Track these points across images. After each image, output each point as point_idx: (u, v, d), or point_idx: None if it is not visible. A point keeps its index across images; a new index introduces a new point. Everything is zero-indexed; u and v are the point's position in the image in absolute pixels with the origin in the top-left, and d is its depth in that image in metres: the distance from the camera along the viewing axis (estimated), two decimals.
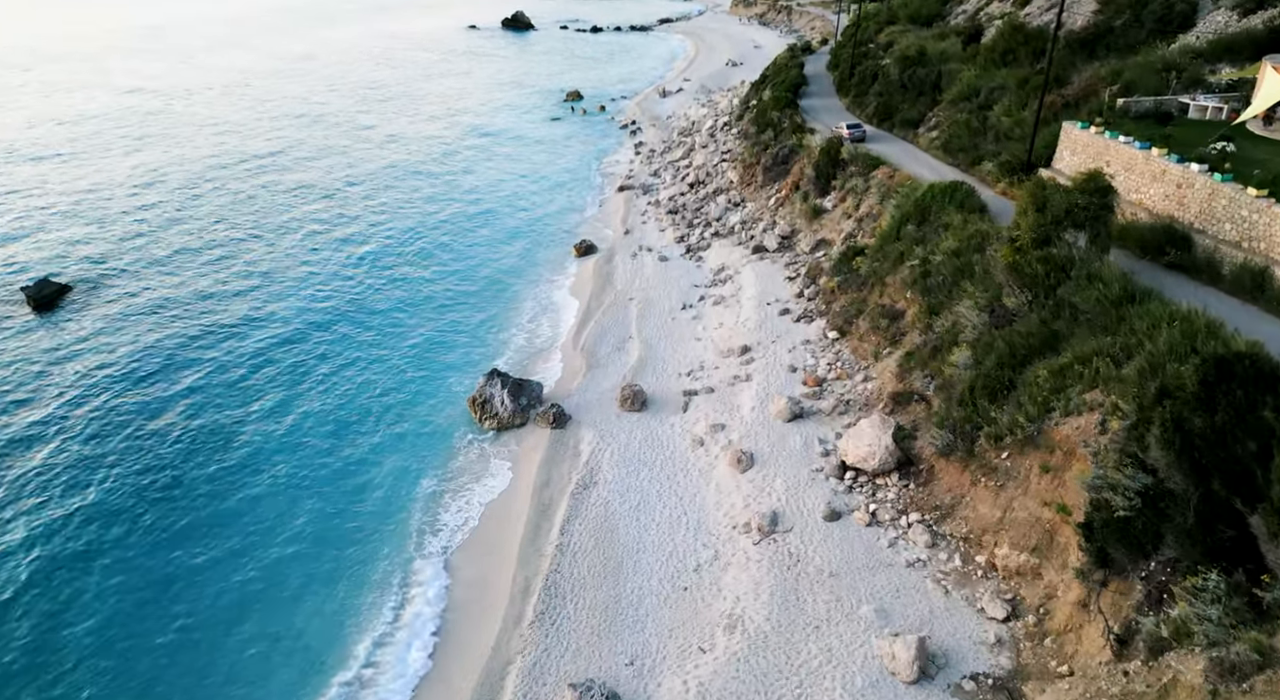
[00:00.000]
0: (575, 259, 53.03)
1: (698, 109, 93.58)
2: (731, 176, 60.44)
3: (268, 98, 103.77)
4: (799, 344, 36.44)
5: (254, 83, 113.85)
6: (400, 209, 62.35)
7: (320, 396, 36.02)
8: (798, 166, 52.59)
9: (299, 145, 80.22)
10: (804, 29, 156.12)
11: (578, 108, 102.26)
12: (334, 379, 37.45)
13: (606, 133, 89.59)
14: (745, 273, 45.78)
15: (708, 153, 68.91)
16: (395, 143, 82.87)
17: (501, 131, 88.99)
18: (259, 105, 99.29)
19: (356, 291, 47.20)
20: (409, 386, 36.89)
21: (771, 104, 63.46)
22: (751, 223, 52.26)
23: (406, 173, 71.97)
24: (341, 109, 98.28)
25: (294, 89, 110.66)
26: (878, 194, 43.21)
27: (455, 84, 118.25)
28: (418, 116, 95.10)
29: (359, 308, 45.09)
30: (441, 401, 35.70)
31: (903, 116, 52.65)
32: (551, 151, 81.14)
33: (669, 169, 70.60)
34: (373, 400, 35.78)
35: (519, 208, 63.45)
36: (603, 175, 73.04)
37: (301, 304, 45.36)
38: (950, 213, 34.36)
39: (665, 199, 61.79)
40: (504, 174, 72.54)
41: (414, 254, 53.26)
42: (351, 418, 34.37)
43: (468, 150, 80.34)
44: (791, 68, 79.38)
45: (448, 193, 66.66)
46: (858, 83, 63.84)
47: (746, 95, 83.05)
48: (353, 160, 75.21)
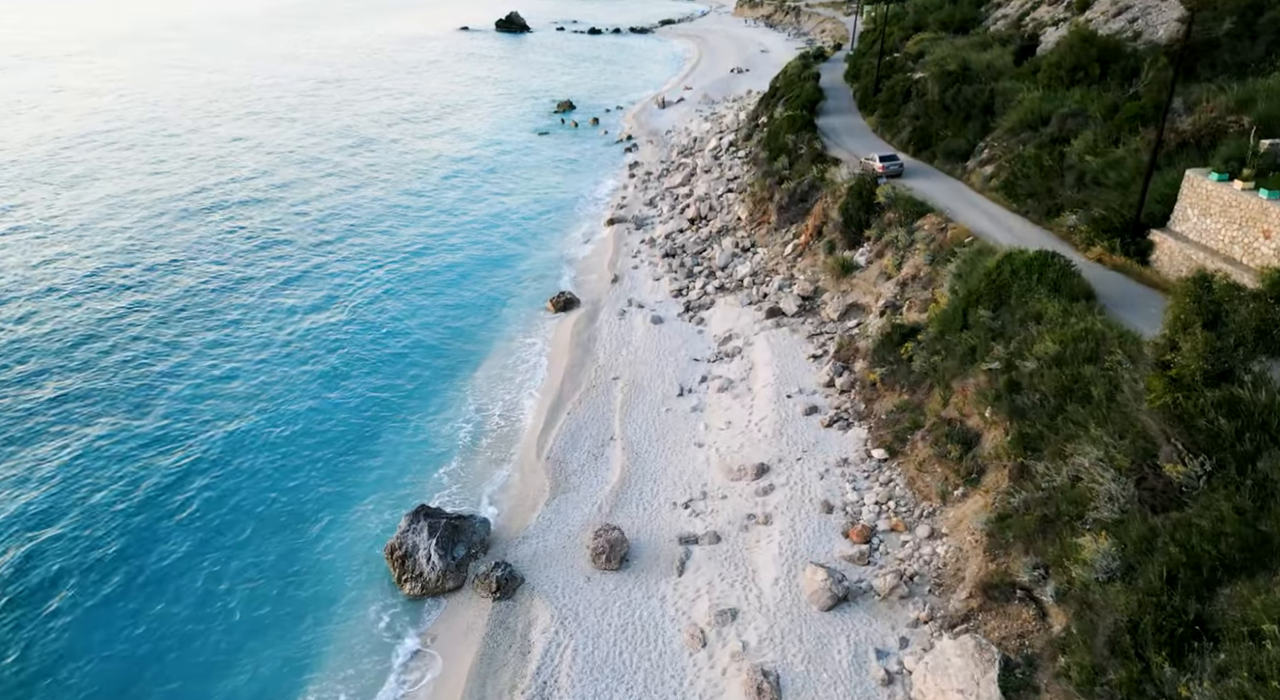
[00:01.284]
0: (551, 316, 43.99)
1: (700, 123, 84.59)
2: (739, 213, 51.41)
3: (216, 108, 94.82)
4: (834, 464, 27.39)
5: (208, 90, 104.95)
6: (349, 245, 53.23)
7: (189, 558, 26.12)
8: (820, 206, 43.55)
9: (241, 174, 71.22)
10: (813, 32, 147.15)
11: (568, 120, 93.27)
12: (211, 530, 27.70)
13: (598, 150, 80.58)
14: (758, 344, 36.75)
15: (711, 179, 59.88)
16: (357, 159, 73.85)
17: (482, 147, 80.00)
18: (202, 120, 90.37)
19: (271, 381, 37.45)
20: (309, 522, 27.65)
21: (786, 125, 54.46)
22: (764, 275, 43.18)
23: (364, 198, 62.82)
24: (303, 124, 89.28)
25: (248, 101, 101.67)
26: (926, 251, 34.19)
27: (438, 91, 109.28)
28: (389, 127, 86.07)
29: (278, 397, 35.54)
30: (351, 547, 26.57)
31: (947, 146, 43.58)
32: (535, 172, 72.12)
33: (666, 197, 61.58)
34: (259, 546, 26.58)
35: (491, 245, 54.40)
36: (591, 202, 64.04)
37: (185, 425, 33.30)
38: (1041, 296, 25.32)
39: (661, 237, 52.76)
40: (478, 200, 63.53)
41: (354, 310, 44.10)
42: (222, 588, 24.96)
43: (440, 170, 71.29)
44: (806, 81, 70.32)
45: (408, 225, 57.64)
46: (886, 101, 54.81)
47: (755, 110, 74.04)
48: (304, 185, 66.17)
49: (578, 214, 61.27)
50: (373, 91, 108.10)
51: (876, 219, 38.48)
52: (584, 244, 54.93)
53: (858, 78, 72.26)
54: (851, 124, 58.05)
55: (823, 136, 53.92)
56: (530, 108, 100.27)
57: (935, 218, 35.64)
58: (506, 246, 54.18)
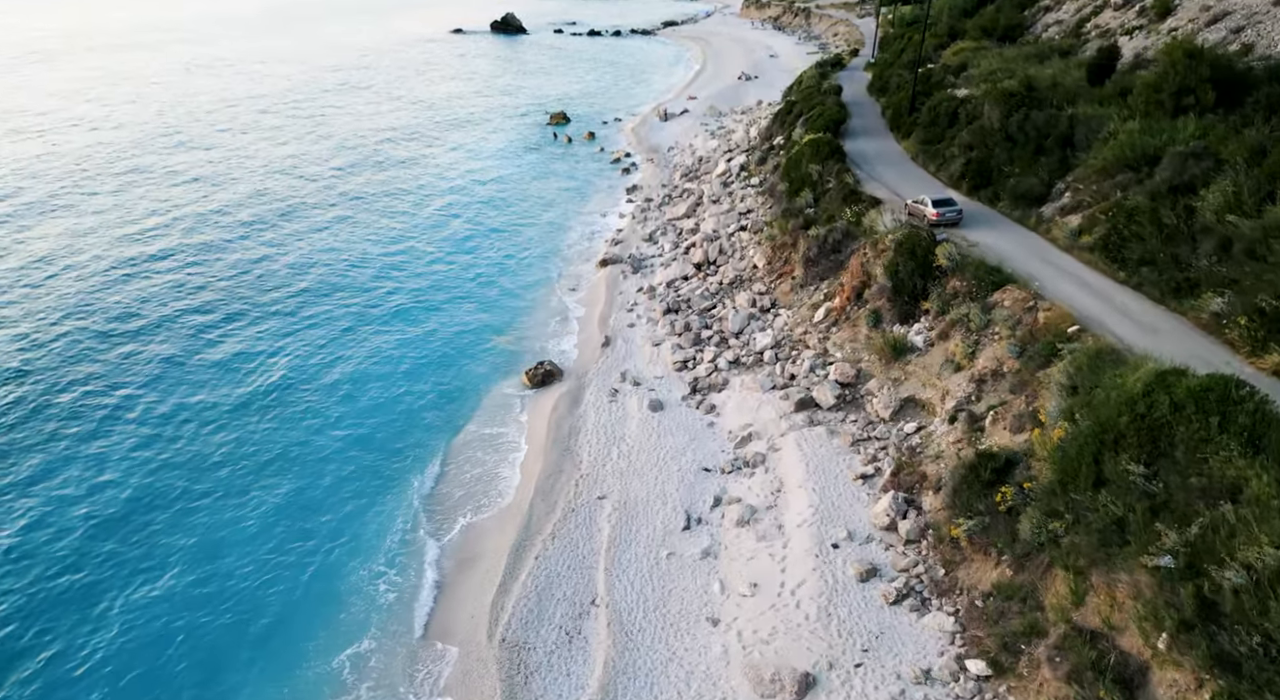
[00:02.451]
0: (526, 393, 35.74)
1: (706, 139, 76.28)
2: (755, 259, 43.06)
3: (168, 119, 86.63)
4: (911, 679, 19.05)
5: (161, 94, 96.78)
6: (271, 317, 42.87)
7: None
8: (857, 261, 35.20)
9: (163, 212, 63.01)
10: (825, 34, 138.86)
11: (561, 134, 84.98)
12: None
13: (592, 171, 72.28)
14: (787, 450, 28.43)
15: (720, 213, 51.55)
16: (311, 189, 65.63)
17: (462, 170, 71.72)
18: (149, 140, 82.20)
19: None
20: None
21: (808, 153, 46.12)
22: (790, 347, 34.84)
23: (314, 249, 52.44)
24: (263, 139, 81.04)
25: (211, 110, 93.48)
26: (1010, 338, 25.88)
27: (421, 103, 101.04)
28: (358, 149, 77.82)
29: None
30: None
31: (1016, 186, 35.21)
32: (520, 199, 63.80)
33: (668, 232, 53.27)
34: None
35: (459, 292, 46.03)
36: (582, 236, 55.76)
37: None
38: (1231, 453, 16.96)
39: (663, 285, 44.48)
40: (451, 236, 55.11)
41: (275, 394, 35.75)
42: None
43: (409, 200, 62.90)
44: (827, 95, 62.01)
45: (361, 266, 49.24)
46: (927, 123, 46.49)
47: (768, 127, 65.74)
48: (246, 226, 57.89)
49: (565, 252, 52.94)
50: (348, 105, 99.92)
51: (936, 286, 30.13)
52: (571, 292, 46.61)
53: (885, 91, 63.98)
54: (885, 149, 49.72)
55: (853, 166, 45.60)
56: (520, 121, 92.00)
57: (1019, 292, 27.28)
58: (478, 295, 45.83)
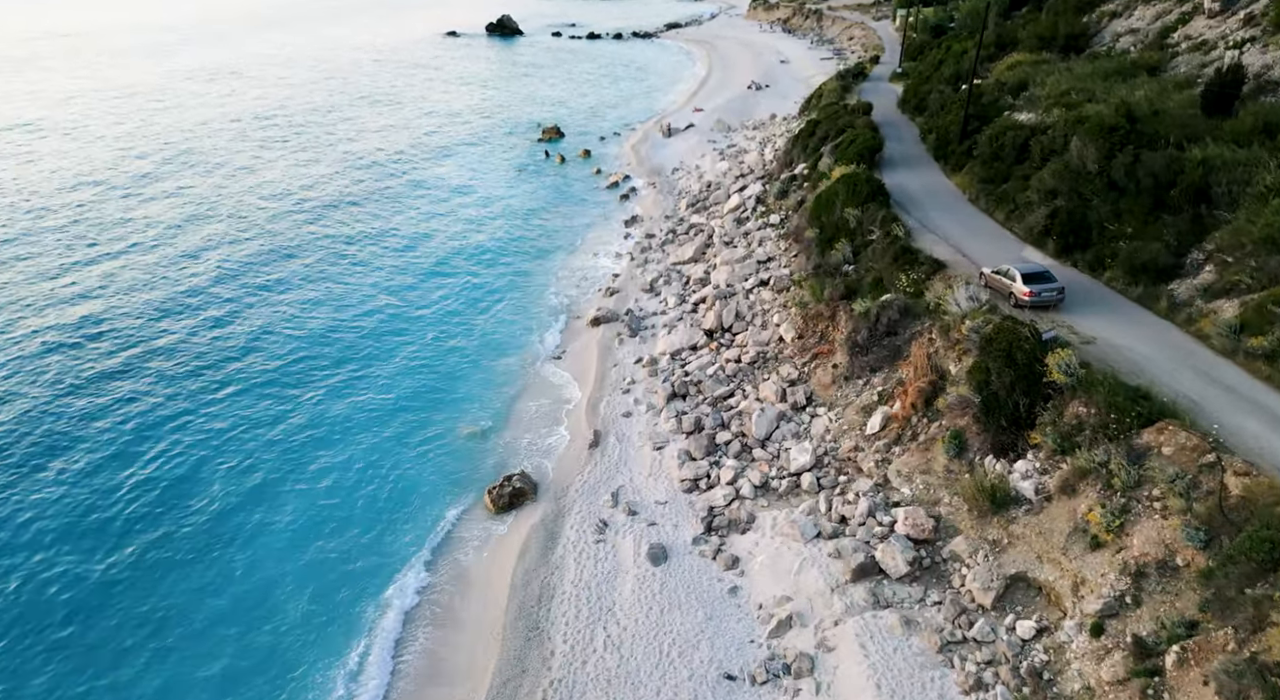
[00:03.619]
0: (491, 522, 27.40)
1: (714, 160, 67.88)
2: (783, 329, 34.58)
3: (126, 135, 78.41)
4: None
5: (128, 111, 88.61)
6: (179, 410, 35.57)
7: None
8: (921, 350, 26.78)
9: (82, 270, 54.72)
10: (839, 38, 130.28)
11: (554, 151, 76.54)
12: None
13: (587, 197, 63.89)
14: (845, 652, 20.00)
15: (734, 259, 43.14)
16: (260, 218, 57.33)
17: (441, 195, 63.37)
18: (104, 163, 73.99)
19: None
20: None
21: (843, 193, 37.71)
22: (837, 469, 26.37)
23: (241, 309, 42.83)
24: (224, 153, 72.74)
25: (171, 124, 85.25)
26: (1181, 507, 17.51)
27: (406, 114, 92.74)
28: (327, 166, 69.45)
29: None
30: None
31: (1133, 254, 26.68)
32: (501, 235, 55.38)
33: (673, 279, 44.88)
34: None
35: (414, 365, 37.53)
36: (571, 282, 47.39)
37: None
38: None
39: (666, 356, 36.14)
40: (409, 287, 46.24)
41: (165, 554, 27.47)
42: None
43: (368, 243, 54.22)
44: (855, 115, 53.63)
45: (294, 342, 40.51)
46: (988, 156, 38.09)
47: (787, 150, 57.37)
48: (176, 277, 49.64)
49: (551, 304, 44.54)
50: (328, 119, 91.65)
51: (1049, 410, 21.69)
52: (554, 361, 38.23)
53: (922, 110, 55.65)
54: (933, 186, 41.32)
55: (899, 209, 37.21)
56: (509, 136, 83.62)
57: (1185, 435, 18.87)
58: (437, 365, 37.43)
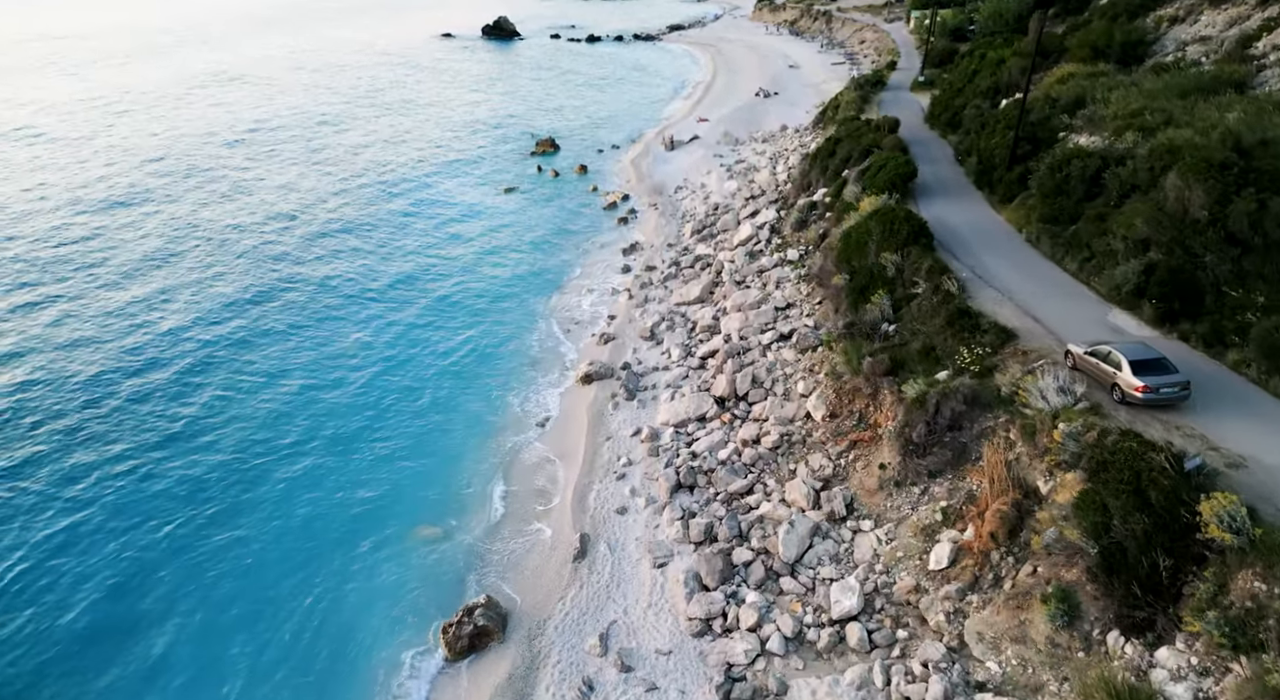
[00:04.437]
0: (445, 675, 21.59)
1: (721, 177, 62.00)
2: (810, 403, 28.56)
3: (96, 161, 72.78)
4: None
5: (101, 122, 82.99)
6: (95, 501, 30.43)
7: None
8: (996, 457, 20.84)
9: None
10: (850, 42, 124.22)
11: (548, 167, 70.70)
12: None
13: (583, 220, 58.02)
14: None
15: (748, 304, 37.24)
16: (202, 252, 51.61)
17: (418, 224, 57.54)
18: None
19: None
20: None
21: (878, 232, 31.79)
22: (893, 619, 20.29)
23: (188, 378, 36.96)
24: (188, 174, 67.05)
25: (136, 135, 79.65)
26: None
27: (392, 123, 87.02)
28: (296, 187, 63.72)
29: None
30: None
31: (1271, 332, 20.79)
32: (484, 268, 49.49)
33: (677, 324, 39.00)
34: None
35: (370, 438, 31.63)
36: (561, 325, 41.54)
37: None
38: None
39: (670, 429, 30.25)
40: (373, 337, 40.21)
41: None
42: None
43: (338, 282, 48.59)
44: (881, 132, 47.77)
45: (226, 416, 34.78)
46: (1050, 189, 32.11)
47: (804, 170, 51.49)
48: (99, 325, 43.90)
49: (535, 352, 38.67)
50: (308, 129, 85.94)
51: (1208, 579, 15.74)
52: (534, 431, 32.34)
53: (954, 126, 49.77)
54: (980, 221, 35.40)
55: (945, 253, 31.31)
56: (500, 148, 77.81)
57: None
58: (397, 435, 31.46)
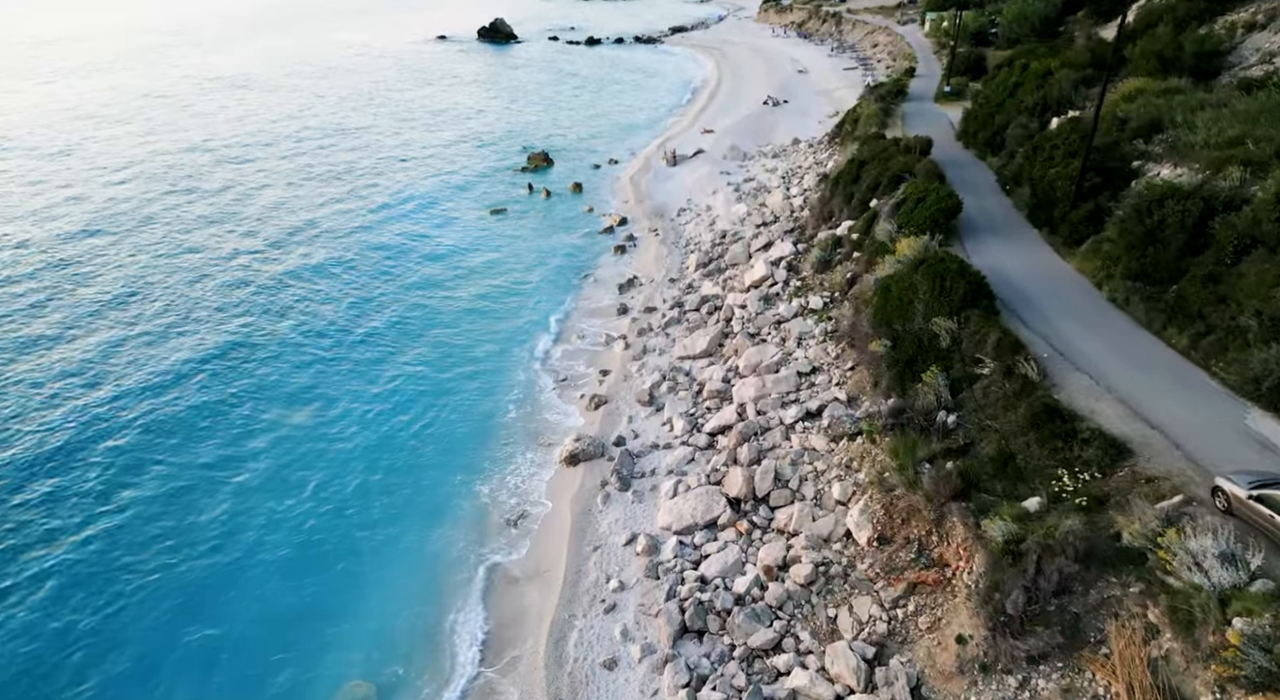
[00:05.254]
0: None
1: (729, 199, 56.08)
2: (850, 518, 22.57)
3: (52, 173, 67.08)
4: None
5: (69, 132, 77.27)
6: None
7: None
8: (1128, 646, 14.93)
9: None
10: (862, 45, 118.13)
11: (540, 185, 64.76)
12: None
13: (574, 249, 52.06)
14: None
15: (764, 364, 31.24)
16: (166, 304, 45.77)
17: (392, 257, 51.62)
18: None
19: None
20: None
21: (927, 291, 25.83)
22: None
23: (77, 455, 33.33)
24: (135, 193, 61.32)
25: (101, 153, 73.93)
26: None
27: (378, 133, 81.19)
28: (262, 212, 57.88)
29: None
30: None
31: None
32: (464, 305, 43.55)
33: (679, 384, 33.01)
34: None
35: (298, 556, 25.76)
36: (545, 384, 35.67)
37: None
38: None
39: (671, 541, 24.31)
40: (327, 402, 34.27)
41: None
42: None
43: (285, 336, 42.71)
44: (912, 154, 41.87)
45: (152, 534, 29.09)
46: (1138, 238, 26.09)
47: (823, 197, 45.53)
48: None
49: (511, 418, 32.71)
50: (287, 139, 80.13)
51: None
52: (505, 536, 26.40)
53: (995, 148, 43.82)
54: (1044, 270, 29.41)
55: (1009, 316, 25.37)
56: (490, 163, 71.94)
57: None
58: (331, 551, 25.62)
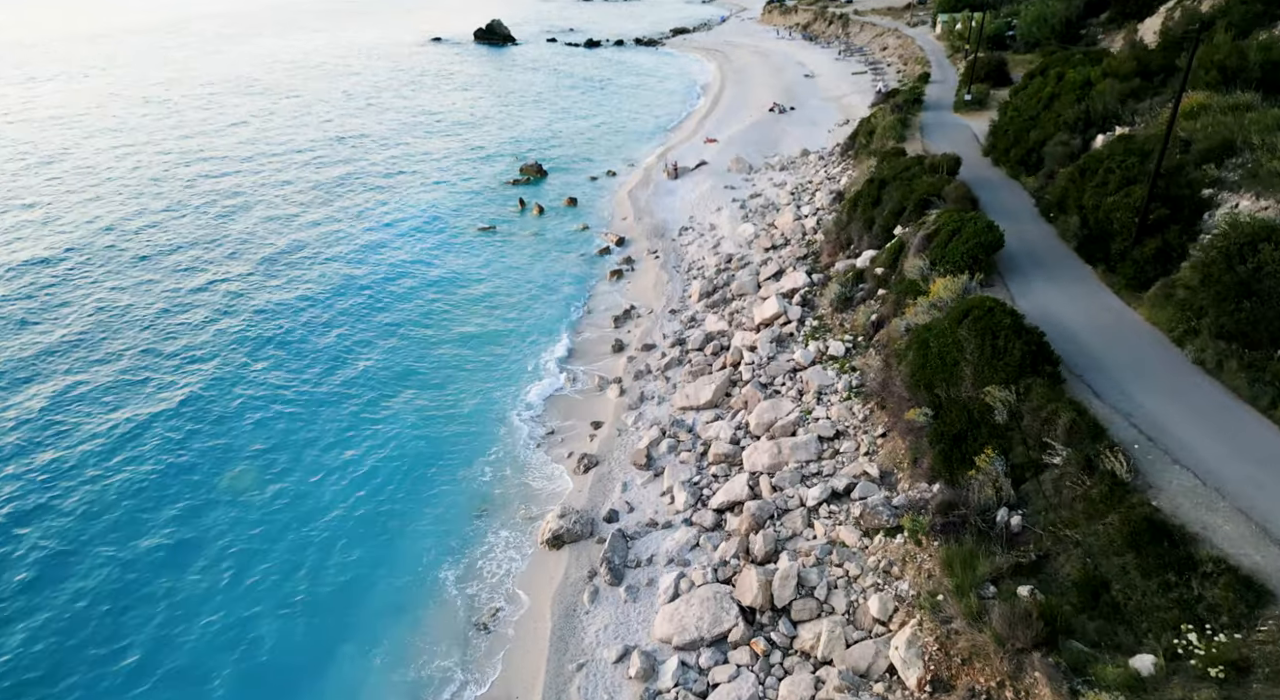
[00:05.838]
0: None
1: (734, 218, 51.81)
2: (895, 648, 18.34)
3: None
4: None
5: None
6: None
7: None
8: None
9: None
10: (871, 48, 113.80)
11: (532, 200, 60.44)
12: None
13: (566, 275, 47.73)
14: None
15: (779, 428, 26.90)
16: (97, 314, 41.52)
17: (371, 286, 47.30)
18: None
19: None
20: None
21: (975, 352, 21.55)
22: None
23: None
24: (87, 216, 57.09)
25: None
26: None
27: (367, 140, 76.96)
28: (223, 238, 53.64)
29: None
30: None
31: None
32: (440, 342, 39.27)
33: (680, 444, 28.63)
34: None
35: (231, 666, 21.65)
36: (524, 440, 31.38)
37: None
38: None
39: (672, 661, 20.00)
40: (285, 473, 29.88)
41: None
42: None
43: (223, 387, 38.54)
44: (939, 176, 37.62)
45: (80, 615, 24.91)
46: (1229, 289, 21.74)
47: (839, 221, 41.25)
48: None
49: (485, 482, 28.37)
50: (250, 164, 75.90)
51: None
52: (472, 643, 22.11)
53: (1030, 165, 39.57)
54: (1105, 319, 25.07)
55: (1071, 378, 21.09)
56: (480, 174, 67.71)
57: None
58: (262, 659, 21.48)
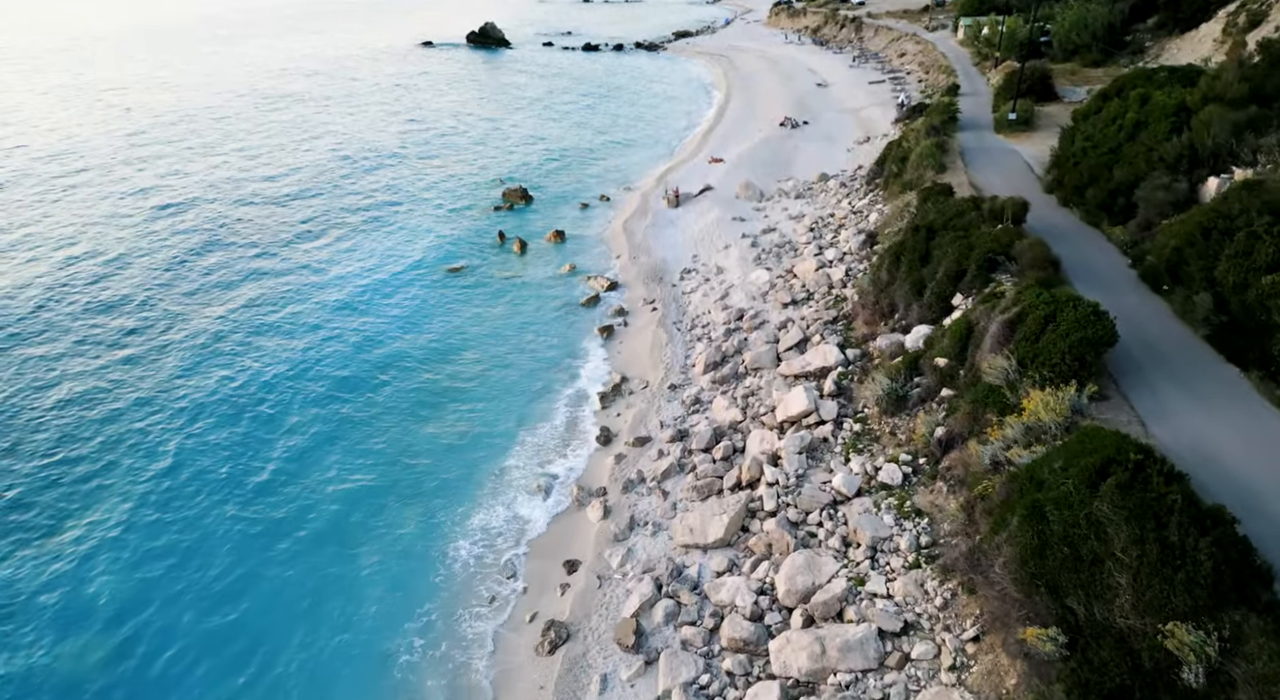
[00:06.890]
0: None
1: (744, 259, 45.11)
2: None
3: None
4: None
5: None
6: None
7: None
8: None
9: None
10: (887, 54, 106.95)
11: (513, 233, 53.75)
12: None
13: (549, 331, 41.00)
14: None
15: (819, 606, 20.26)
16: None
17: (309, 354, 40.63)
18: None
19: None
20: None
21: (1122, 538, 14.93)
22: None
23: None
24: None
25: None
26: None
27: (310, 176, 70.39)
28: (162, 295, 47.07)
29: None
30: None
31: None
32: (384, 442, 32.49)
33: (681, 622, 21.82)
34: None
35: None
36: (477, 589, 24.73)
37: None
38: None
39: None
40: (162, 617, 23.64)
41: None
42: None
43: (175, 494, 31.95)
44: (1006, 230, 30.98)
45: None
46: None
47: (876, 279, 34.55)
48: None
49: (417, 669, 21.85)
50: (238, 171, 69.39)
51: None
52: None
53: (1118, 210, 32.78)
54: (1243, 421, 18.34)
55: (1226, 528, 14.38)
56: (460, 200, 61.09)
57: None
58: None
